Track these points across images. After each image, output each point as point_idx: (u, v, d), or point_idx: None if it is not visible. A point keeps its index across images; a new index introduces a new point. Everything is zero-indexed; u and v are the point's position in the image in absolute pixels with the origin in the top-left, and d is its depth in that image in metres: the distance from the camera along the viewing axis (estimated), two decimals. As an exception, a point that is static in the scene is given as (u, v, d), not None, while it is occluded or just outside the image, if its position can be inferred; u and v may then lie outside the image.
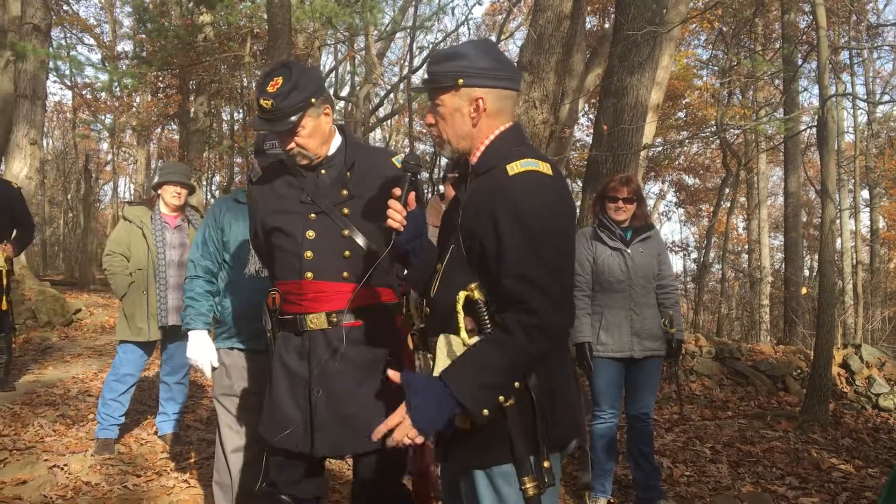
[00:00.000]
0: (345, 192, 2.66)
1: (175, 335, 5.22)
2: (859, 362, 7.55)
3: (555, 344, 1.99)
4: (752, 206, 21.96)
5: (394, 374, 2.03)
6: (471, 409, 1.89)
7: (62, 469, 4.72)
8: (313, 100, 2.55)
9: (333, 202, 2.64)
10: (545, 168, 2.04)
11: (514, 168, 2.03)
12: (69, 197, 26.24)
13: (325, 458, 2.80)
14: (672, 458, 5.33)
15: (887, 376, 7.38)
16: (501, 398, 1.90)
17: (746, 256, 24.39)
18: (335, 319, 2.61)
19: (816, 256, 24.26)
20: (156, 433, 5.51)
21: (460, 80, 2.09)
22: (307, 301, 2.62)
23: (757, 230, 20.87)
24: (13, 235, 6.52)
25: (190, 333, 3.41)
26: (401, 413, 1.93)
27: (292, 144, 2.59)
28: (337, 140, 2.73)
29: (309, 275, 2.61)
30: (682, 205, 27.93)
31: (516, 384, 1.92)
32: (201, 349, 3.37)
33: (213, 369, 3.42)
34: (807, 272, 21.43)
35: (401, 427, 1.93)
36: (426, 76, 2.20)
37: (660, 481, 4.36)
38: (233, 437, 3.42)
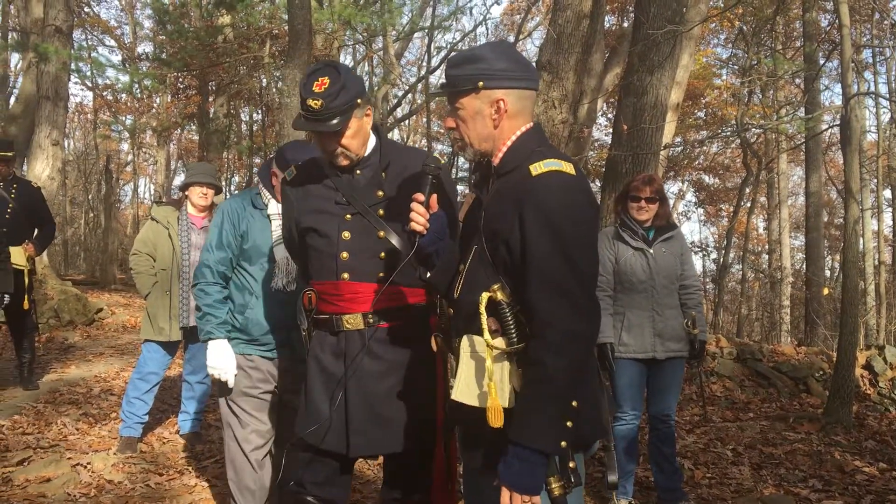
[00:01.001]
0: (380, 192, 2.65)
1: (197, 335, 5.24)
2: (883, 364, 7.47)
3: (587, 348, 1.99)
4: (772, 206, 21.80)
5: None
6: (553, 451, 1.91)
7: (85, 467, 4.75)
8: (359, 100, 2.53)
9: (369, 203, 2.62)
10: (568, 168, 2.04)
11: (538, 168, 2.03)
12: (90, 197, 26.46)
13: (355, 461, 2.80)
14: (693, 460, 5.29)
15: (911, 378, 7.30)
16: (569, 423, 1.91)
17: (766, 257, 24.20)
18: (372, 320, 2.61)
19: (838, 257, 24.11)
20: (177, 432, 5.54)
21: (480, 83, 2.09)
22: (343, 302, 2.62)
23: (777, 230, 20.71)
24: (34, 235, 6.58)
25: (210, 343, 3.33)
26: (506, 493, 1.94)
27: (336, 146, 2.56)
28: (372, 140, 2.71)
29: (345, 276, 2.60)
30: (701, 205, 27.75)
31: (574, 403, 1.92)
32: (223, 359, 3.31)
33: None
34: (828, 272, 21.22)
35: (514, 500, 1.93)
36: (444, 80, 2.21)
37: (681, 483, 4.33)
38: (253, 437, 3.42)
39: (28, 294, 6.44)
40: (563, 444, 1.90)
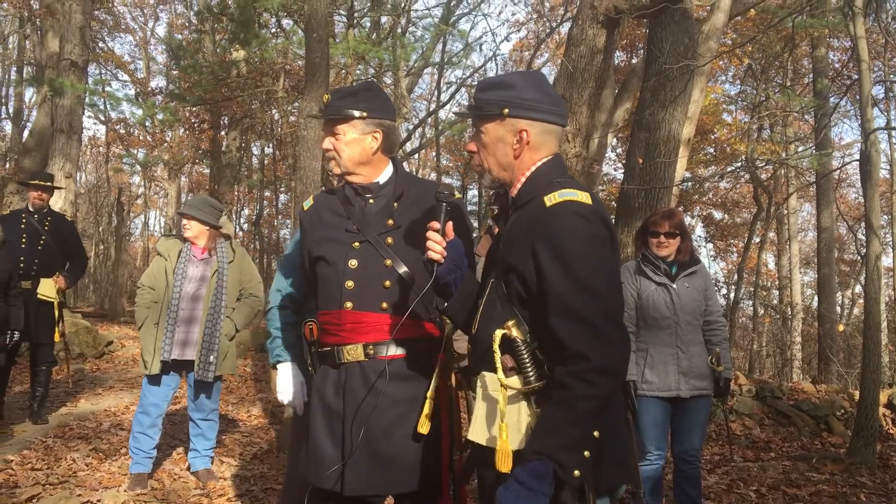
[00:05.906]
0: (390, 221, 2.62)
1: (192, 369, 5.12)
2: (905, 402, 7.33)
3: (616, 379, 1.90)
4: (782, 242, 21.70)
5: None
6: (566, 468, 1.81)
7: (96, 504, 4.66)
8: (358, 113, 2.60)
9: (378, 231, 2.60)
10: (584, 198, 1.98)
11: (552, 199, 1.98)
12: (101, 229, 26.57)
13: (363, 499, 2.68)
14: (717, 502, 5.16)
15: (935, 417, 7.16)
16: (587, 454, 1.82)
17: (777, 293, 24.03)
18: (372, 351, 2.53)
19: (848, 293, 23.92)
20: (188, 469, 5.44)
21: (506, 110, 2.06)
22: (345, 332, 2.55)
23: (788, 266, 20.59)
24: (66, 267, 6.60)
25: (278, 366, 3.07)
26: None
27: (328, 144, 2.65)
28: (388, 170, 2.72)
29: (349, 304, 2.54)
30: (711, 240, 27.64)
31: (595, 433, 1.84)
32: (287, 383, 3.03)
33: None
34: (838, 308, 21.02)
35: None
36: (472, 102, 2.17)
37: (707, 526, 4.21)
38: None
39: (57, 326, 6.45)
40: (577, 473, 1.80)
